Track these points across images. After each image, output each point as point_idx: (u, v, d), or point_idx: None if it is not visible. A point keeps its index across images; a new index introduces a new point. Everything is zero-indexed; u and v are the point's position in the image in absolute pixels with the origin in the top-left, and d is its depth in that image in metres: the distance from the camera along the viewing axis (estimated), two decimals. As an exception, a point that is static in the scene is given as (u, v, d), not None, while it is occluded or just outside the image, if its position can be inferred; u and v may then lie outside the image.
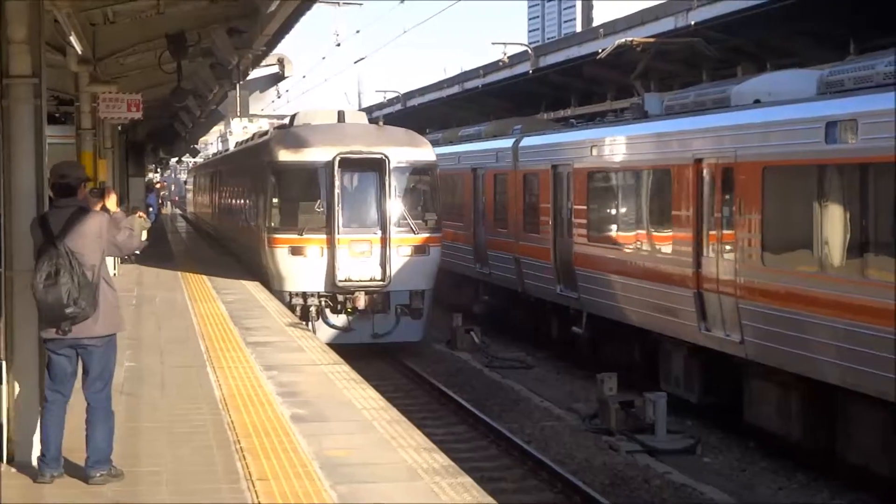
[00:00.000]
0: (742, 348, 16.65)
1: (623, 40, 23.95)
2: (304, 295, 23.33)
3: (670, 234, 18.92)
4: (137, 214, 29.09)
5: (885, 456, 14.13)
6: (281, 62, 37.59)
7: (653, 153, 19.94)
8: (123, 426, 10.44)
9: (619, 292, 20.76)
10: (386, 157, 23.52)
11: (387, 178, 23.45)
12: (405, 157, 24.06)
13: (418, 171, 24.44)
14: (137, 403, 12.43)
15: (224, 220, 37.67)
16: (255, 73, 31.78)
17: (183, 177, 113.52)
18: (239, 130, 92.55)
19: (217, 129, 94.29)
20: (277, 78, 41.32)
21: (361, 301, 23.16)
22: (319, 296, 23.35)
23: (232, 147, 47.51)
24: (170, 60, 20.55)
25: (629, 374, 19.92)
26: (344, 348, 18.59)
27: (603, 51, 25.32)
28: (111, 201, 9.79)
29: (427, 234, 23.91)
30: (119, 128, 31.77)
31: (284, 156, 24.09)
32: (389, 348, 23.75)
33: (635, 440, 17.22)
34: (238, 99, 43.60)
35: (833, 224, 14.86)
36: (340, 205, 23.23)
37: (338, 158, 23.21)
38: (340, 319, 23.52)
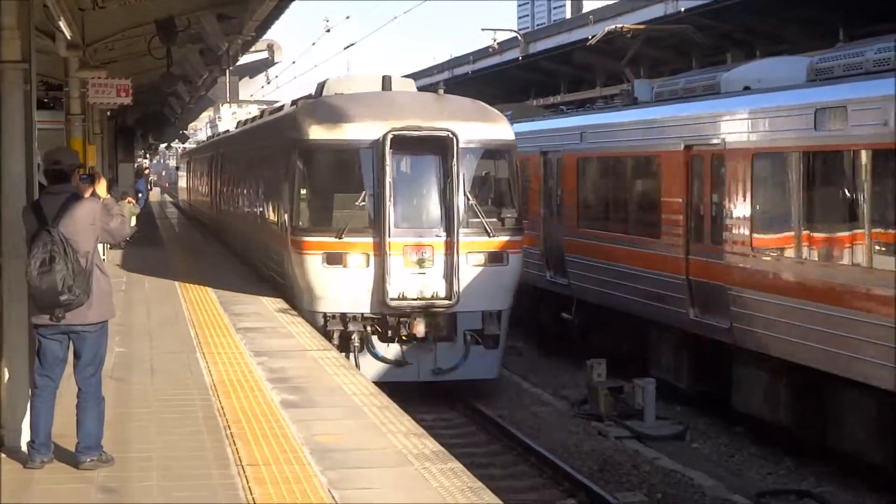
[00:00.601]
0: (730, 334, 16.69)
1: (613, 27, 23.98)
2: (344, 318, 17.94)
3: (660, 220, 18.95)
4: (127, 200, 29.12)
5: (869, 440, 14.19)
6: (270, 48, 37.60)
7: (642, 140, 19.96)
8: (113, 412, 10.43)
9: (610, 279, 20.79)
10: (453, 134, 17.90)
11: (453, 162, 17.87)
12: (476, 136, 18.57)
13: (493, 153, 18.99)
14: (127, 389, 12.43)
15: (228, 213, 31.55)
16: (244, 59, 31.79)
17: (172, 163, 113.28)
18: (228, 116, 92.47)
19: (206, 115, 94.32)
20: (267, 64, 41.36)
21: (421, 326, 17.81)
22: (364, 319, 17.93)
23: (234, 127, 41.03)
24: (159, 46, 20.53)
25: (620, 360, 19.95)
26: (395, 387, 15.14)
27: (593, 37, 25.35)
28: (101, 187, 9.75)
29: (505, 238, 18.40)
30: (108, 113, 31.74)
31: (317, 133, 18.58)
32: (454, 387, 18.63)
33: (624, 426, 17.26)
34: (228, 84, 43.64)
35: (822, 210, 14.90)
36: (393, 198, 17.80)
37: (389, 137, 17.77)
38: (392, 350, 17.97)
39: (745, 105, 16.83)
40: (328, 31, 40.31)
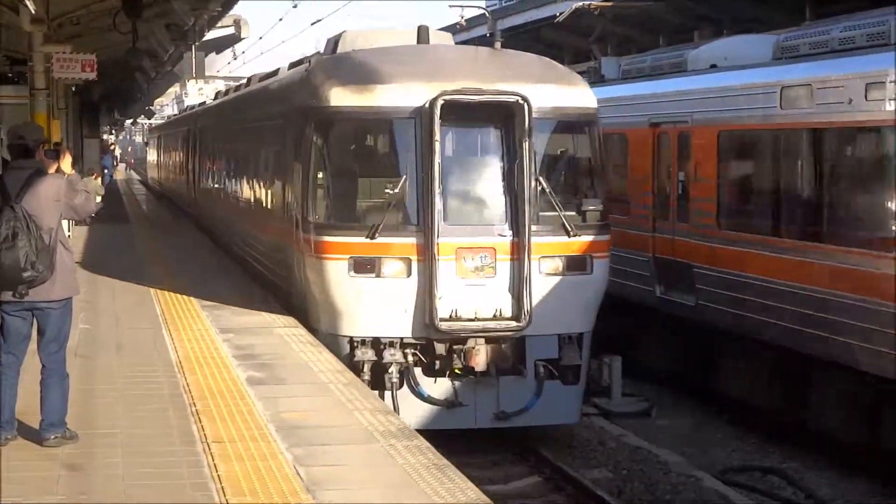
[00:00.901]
0: (695, 312, 16.77)
1: (581, 4, 23.96)
2: (378, 344, 13.80)
3: (627, 198, 18.99)
4: (94, 176, 28.85)
5: (834, 417, 14.32)
6: (237, 23, 37.36)
7: (609, 118, 19.96)
8: (78, 389, 10.40)
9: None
10: (523, 100, 13.66)
11: (524, 137, 13.63)
12: (551, 102, 14.23)
13: (571, 125, 14.78)
14: (92, 366, 12.37)
15: (211, 197, 26.98)
16: (211, 35, 31.64)
17: (138, 138, 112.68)
18: (195, 91, 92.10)
19: (173, 91, 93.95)
20: (234, 39, 41.15)
21: (480, 355, 13.71)
22: (404, 346, 13.82)
23: (212, 98, 36.55)
24: (125, 21, 20.40)
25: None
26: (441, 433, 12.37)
27: (561, 14, 25.32)
28: (66, 163, 9.69)
29: (589, 237, 14.20)
30: (73, 88, 31.57)
31: (341, 98, 14.21)
32: (522, 433, 14.58)
33: (591, 403, 17.32)
34: (194, 60, 43.42)
35: (787, 188, 14.98)
36: (442, 185, 13.68)
37: (439, 103, 13.55)
38: (441, 387, 13.88)
39: (711, 83, 16.89)
40: (295, 6, 40.03)
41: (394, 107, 13.95)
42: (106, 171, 48.30)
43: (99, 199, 29.85)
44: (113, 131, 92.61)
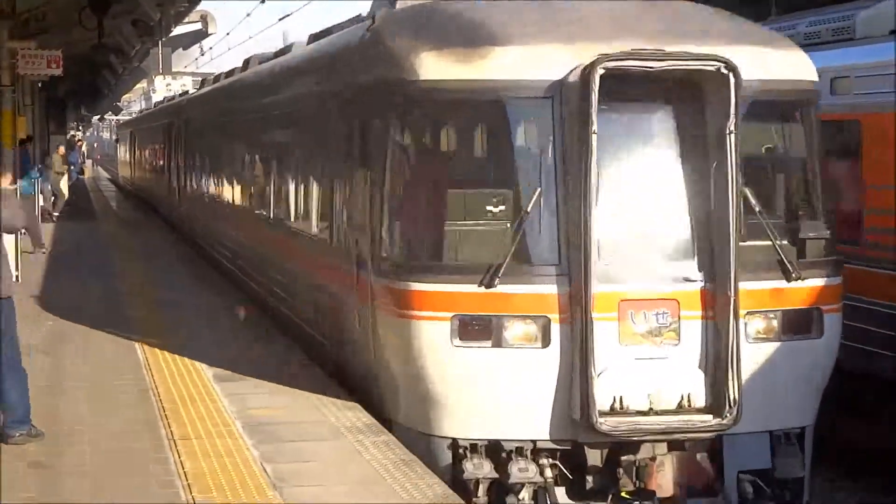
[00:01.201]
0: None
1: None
2: (498, 451, 9.14)
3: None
4: (59, 152, 28.57)
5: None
6: (204, 19, 37.27)
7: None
8: (44, 387, 10.38)
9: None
10: (728, 67, 8.87)
11: (729, 125, 8.93)
12: (757, 72, 9.32)
13: (783, 108, 10.03)
14: (59, 364, 12.32)
15: (205, 210, 22.38)
16: (178, 31, 31.58)
17: (105, 135, 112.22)
18: (162, 87, 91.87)
19: (140, 87, 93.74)
20: (201, 35, 41.05)
21: (666, 473, 9.16)
22: (538, 453, 9.14)
23: (195, 88, 31.66)
24: (91, 16, 20.32)
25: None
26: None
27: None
28: (4, 179, 9.73)
29: (817, 281, 9.54)
30: (39, 84, 31.45)
31: (436, 67, 9.36)
32: None
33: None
34: (161, 56, 43.24)
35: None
36: (598, 201, 8.85)
37: (598, 72, 8.78)
38: None
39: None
40: (263, 1, 39.97)
41: (520, 80, 9.21)
42: (73, 167, 48.07)
43: (65, 189, 29.72)
44: (80, 128, 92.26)
